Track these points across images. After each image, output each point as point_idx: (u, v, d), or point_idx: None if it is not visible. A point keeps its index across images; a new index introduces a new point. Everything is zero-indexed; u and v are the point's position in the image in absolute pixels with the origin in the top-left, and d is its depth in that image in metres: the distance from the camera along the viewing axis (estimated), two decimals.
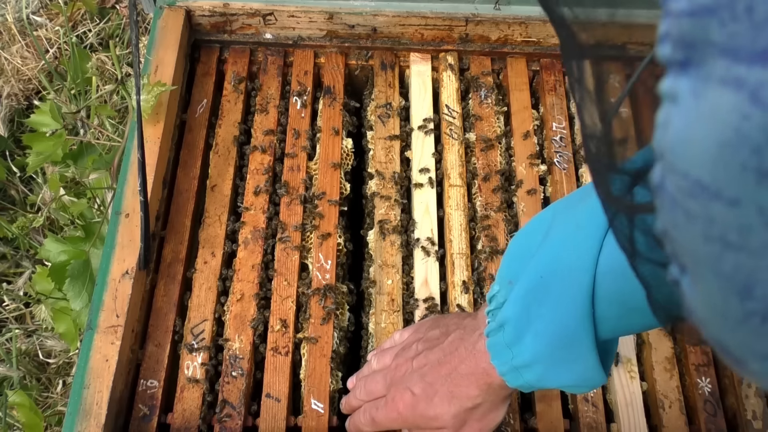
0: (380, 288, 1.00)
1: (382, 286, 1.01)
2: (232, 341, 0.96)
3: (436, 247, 1.03)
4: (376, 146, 1.12)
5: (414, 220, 1.06)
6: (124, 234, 0.97)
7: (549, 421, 0.93)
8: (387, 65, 1.19)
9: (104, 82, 1.86)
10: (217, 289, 1.00)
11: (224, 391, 0.93)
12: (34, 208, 1.69)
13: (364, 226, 1.08)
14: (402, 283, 1.01)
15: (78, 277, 1.13)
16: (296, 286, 1.00)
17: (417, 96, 1.17)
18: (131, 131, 1.06)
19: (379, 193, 1.07)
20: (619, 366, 0.96)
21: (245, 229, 1.04)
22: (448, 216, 1.06)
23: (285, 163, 1.10)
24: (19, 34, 1.91)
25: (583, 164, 1.12)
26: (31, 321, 1.57)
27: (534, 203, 1.08)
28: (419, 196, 1.08)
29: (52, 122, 1.28)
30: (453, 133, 1.13)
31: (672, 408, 0.94)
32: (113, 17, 1.99)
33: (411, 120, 1.15)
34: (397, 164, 1.10)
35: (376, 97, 1.17)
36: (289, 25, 1.19)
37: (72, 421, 0.85)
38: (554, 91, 1.18)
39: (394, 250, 1.03)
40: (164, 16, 1.15)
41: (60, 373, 1.54)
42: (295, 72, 1.19)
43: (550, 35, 1.19)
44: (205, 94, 1.15)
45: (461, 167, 1.10)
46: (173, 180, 1.08)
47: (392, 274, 1.01)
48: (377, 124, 1.14)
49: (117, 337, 0.90)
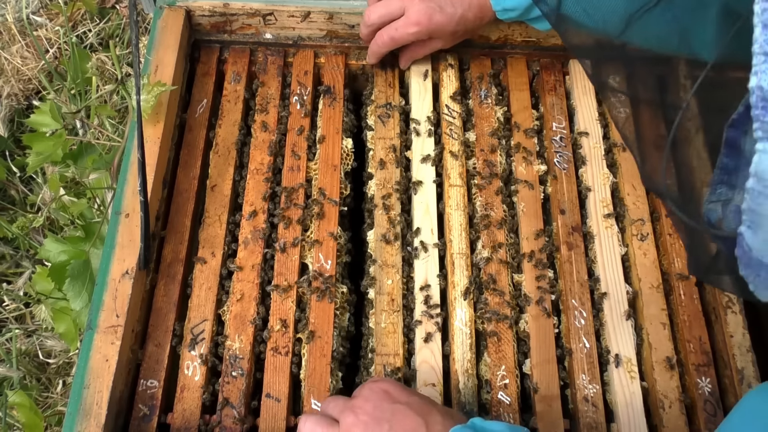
0: (380, 288, 1.00)
1: (382, 285, 1.01)
2: (232, 341, 0.96)
3: (437, 248, 1.03)
4: (376, 146, 1.12)
5: (414, 220, 1.06)
6: (124, 234, 0.97)
7: (549, 421, 0.93)
8: (387, 65, 1.19)
9: (104, 82, 1.86)
10: (217, 289, 1.00)
11: (224, 390, 0.93)
12: (34, 208, 1.69)
13: (364, 226, 1.08)
14: (402, 283, 1.01)
15: (78, 277, 1.13)
16: (296, 286, 1.00)
17: (417, 96, 1.17)
18: (131, 131, 1.06)
19: (379, 192, 1.07)
20: (619, 366, 0.96)
21: (245, 229, 1.04)
22: (449, 216, 1.06)
23: (285, 163, 1.10)
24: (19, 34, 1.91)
25: (582, 164, 1.12)
26: (31, 321, 1.57)
27: (534, 203, 1.08)
28: (419, 196, 1.08)
29: (52, 122, 1.28)
30: (453, 133, 1.13)
31: (672, 408, 0.94)
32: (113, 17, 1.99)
33: (411, 120, 1.14)
34: (396, 164, 1.10)
35: (376, 97, 1.17)
36: (289, 25, 1.19)
37: (72, 421, 0.85)
38: (554, 91, 1.18)
39: (393, 251, 1.03)
40: (164, 16, 1.15)
41: (60, 373, 1.54)
42: (295, 72, 1.19)
43: (549, 35, 1.19)
44: (205, 94, 1.15)
45: (461, 167, 1.10)
46: (173, 180, 1.08)
47: (392, 274, 1.01)
48: (377, 124, 1.14)
49: (117, 337, 0.90)
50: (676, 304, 1.02)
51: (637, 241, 1.05)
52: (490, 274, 1.02)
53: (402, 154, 1.12)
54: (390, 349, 0.96)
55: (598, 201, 1.08)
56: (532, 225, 1.06)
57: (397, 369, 0.95)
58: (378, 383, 0.83)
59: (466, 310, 0.99)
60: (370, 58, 1.16)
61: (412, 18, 1.06)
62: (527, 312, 1.00)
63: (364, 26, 1.12)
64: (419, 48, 1.14)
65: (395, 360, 0.95)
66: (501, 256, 1.03)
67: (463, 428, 0.75)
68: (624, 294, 1.01)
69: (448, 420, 0.78)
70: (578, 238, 1.05)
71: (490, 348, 0.97)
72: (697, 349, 0.99)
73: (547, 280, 1.02)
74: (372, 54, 1.15)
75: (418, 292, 1.00)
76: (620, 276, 1.03)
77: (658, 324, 1.00)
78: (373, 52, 1.14)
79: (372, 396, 0.80)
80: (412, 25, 1.06)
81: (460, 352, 0.96)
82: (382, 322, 0.98)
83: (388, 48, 1.12)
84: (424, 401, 0.81)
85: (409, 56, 1.16)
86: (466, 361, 0.95)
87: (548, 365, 0.96)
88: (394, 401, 0.79)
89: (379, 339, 0.97)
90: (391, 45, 1.11)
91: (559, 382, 0.96)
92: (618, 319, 0.99)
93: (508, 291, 1.01)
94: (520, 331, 1.00)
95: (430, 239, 1.04)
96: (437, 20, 1.06)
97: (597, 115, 1.16)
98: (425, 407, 0.79)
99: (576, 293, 1.01)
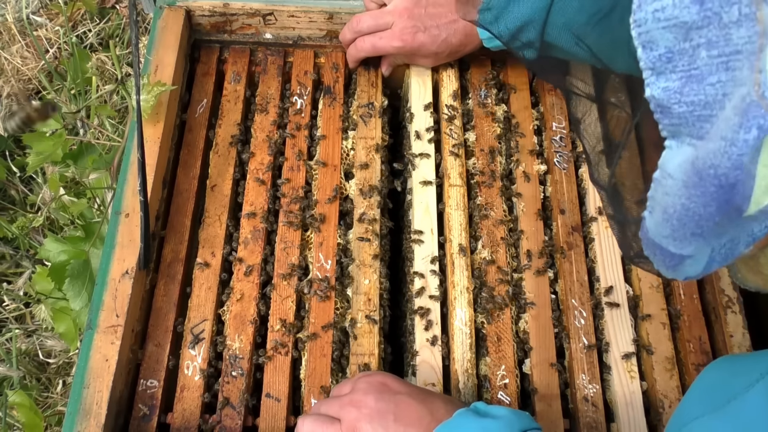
0: (357, 287, 1.00)
1: (359, 285, 1.00)
2: (232, 341, 0.96)
3: (436, 247, 1.03)
4: (357, 146, 1.12)
5: (413, 220, 1.06)
6: (124, 234, 0.97)
7: (549, 421, 0.93)
8: (370, 64, 1.19)
9: (104, 82, 1.86)
10: (217, 289, 1.00)
11: (224, 390, 0.93)
12: (34, 208, 1.69)
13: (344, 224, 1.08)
14: (379, 283, 1.01)
15: (78, 277, 1.13)
16: (296, 286, 1.00)
17: (416, 95, 1.17)
18: (131, 131, 1.06)
19: (358, 192, 1.07)
20: (619, 366, 0.96)
21: (245, 229, 1.04)
22: (448, 216, 1.06)
23: (285, 163, 1.10)
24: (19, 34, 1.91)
25: (582, 164, 1.12)
26: (31, 321, 1.57)
27: (534, 203, 1.08)
28: (419, 196, 1.08)
29: (52, 122, 1.27)
30: (453, 132, 1.12)
31: (672, 408, 0.94)
32: (113, 17, 1.99)
33: (410, 120, 1.14)
34: (378, 164, 1.10)
35: (358, 96, 1.17)
36: (289, 25, 1.19)
37: (72, 421, 0.85)
38: (554, 91, 1.18)
39: (371, 250, 1.03)
40: (164, 16, 1.15)
41: (60, 373, 1.54)
42: (295, 72, 1.19)
43: None
44: (205, 94, 1.15)
45: (461, 167, 1.10)
46: (173, 180, 1.08)
47: (369, 274, 1.01)
48: (359, 124, 1.14)
49: (117, 337, 0.90)
50: (676, 304, 1.02)
51: None
52: (490, 274, 1.02)
53: (384, 154, 1.12)
54: (365, 349, 0.96)
55: (598, 201, 1.08)
56: (532, 225, 1.06)
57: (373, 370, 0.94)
58: (374, 376, 0.84)
59: (466, 310, 0.99)
60: (350, 62, 1.19)
61: (396, 33, 1.10)
62: (527, 312, 1.00)
63: (349, 31, 1.15)
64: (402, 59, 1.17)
65: (370, 360, 0.95)
66: (501, 255, 1.03)
67: (467, 411, 0.76)
68: (624, 294, 1.01)
69: (450, 406, 0.79)
70: (578, 238, 1.05)
71: (490, 348, 0.97)
72: (697, 349, 0.99)
73: (547, 280, 1.02)
74: (351, 57, 1.18)
75: (417, 292, 1.00)
76: (620, 276, 1.03)
77: (658, 324, 1.00)
78: (352, 56, 1.17)
79: (371, 389, 0.81)
80: (397, 39, 1.10)
81: (460, 352, 0.96)
82: (359, 322, 0.98)
83: (367, 54, 1.15)
84: (423, 390, 0.82)
85: (390, 62, 1.18)
86: (466, 361, 0.95)
87: (548, 365, 0.96)
88: (394, 392, 0.80)
89: (357, 338, 0.97)
90: (372, 53, 1.15)
91: (559, 382, 0.96)
92: (618, 319, 1.00)
93: (508, 291, 1.01)
94: (520, 331, 1.00)
95: (431, 239, 1.04)
96: (420, 40, 1.10)
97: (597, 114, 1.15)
98: (427, 396, 0.81)
99: (576, 293, 1.01)
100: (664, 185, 0.47)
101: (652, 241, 0.52)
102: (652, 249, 0.53)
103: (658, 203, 0.49)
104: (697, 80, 0.43)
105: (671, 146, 0.47)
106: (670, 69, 0.43)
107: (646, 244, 0.53)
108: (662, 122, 0.46)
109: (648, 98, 0.45)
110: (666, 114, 0.45)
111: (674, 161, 0.46)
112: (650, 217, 0.51)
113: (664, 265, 0.53)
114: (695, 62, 0.42)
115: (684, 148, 0.46)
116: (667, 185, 0.47)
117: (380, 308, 0.99)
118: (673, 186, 0.46)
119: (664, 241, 0.50)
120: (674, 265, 0.52)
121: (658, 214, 0.49)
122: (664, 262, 0.53)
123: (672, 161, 0.46)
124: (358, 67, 1.19)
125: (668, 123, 0.45)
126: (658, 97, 0.44)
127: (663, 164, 0.47)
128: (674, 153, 0.46)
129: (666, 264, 0.53)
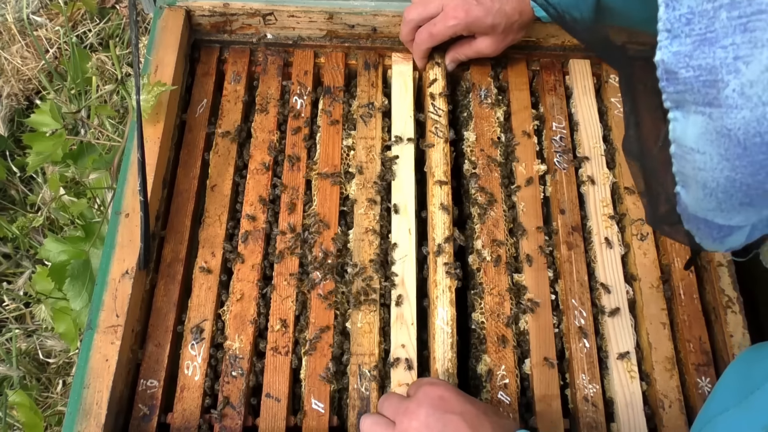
0: (357, 287, 1.00)
1: (359, 285, 1.00)
2: (232, 341, 0.96)
3: (414, 245, 1.03)
4: (357, 146, 1.12)
5: (395, 219, 1.06)
6: (124, 234, 0.97)
7: (549, 421, 0.93)
8: (370, 64, 1.19)
9: (104, 82, 1.86)
10: (217, 289, 1.00)
11: (224, 390, 0.93)
12: (34, 208, 1.69)
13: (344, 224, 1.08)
14: (379, 284, 1.00)
15: (78, 277, 1.13)
16: (296, 286, 1.00)
17: (398, 94, 1.16)
18: (131, 131, 1.06)
19: (359, 193, 1.07)
20: (619, 366, 0.96)
21: (245, 229, 1.04)
22: (431, 215, 1.05)
23: (285, 162, 1.10)
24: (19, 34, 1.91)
25: (582, 164, 1.12)
26: (31, 321, 1.57)
27: (534, 203, 1.08)
28: (400, 195, 1.07)
29: (52, 122, 1.28)
30: (438, 131, 1.12)
31: (672, 408, 0.94)
32: (113, 17, 1.99)
33: (393, 119, 1.14)
34: (377, 163, 1.10)
35: (359, 96, 1.17)
36: (289, 25, 1.19)
37: (72, 421, 0.85)
38: (554, 91, 1.18)
39: (371, 251, 1.03)
40: (164, 16, 1.15)
41: (60, 373, 1.54)
42: (295, 72, 1.19)
43: (549, 35, 1.19)
44: (205, 94, 1.15)
45: (446, 165, 1.09)
46: (173, 180, 1.08)
47: (369, 273, 1.01)
48: (359, 124, 1.13)
49: (117, 337, 0.90)
50: (676, 303, 1.02)
51: (637, 240, 1.05)
52: (489, 274, 1.02)
53: (383, 154, 1.11)
54: (365, 349, 0.96)
55: (598, 201, 1.08)
56: (532, 225, 1.06)
57: (373, 368, 0.94)
58: (435, 388, 0.82)
59: (447, 309, 0.98)
60: (417, 59, 1.17)
61: (450, 13, 1.07)
62: (527, 312, 1.00)
63: (403, 24, 1.13)
64: (463, 48, 1.14)
65: (370, 360, 0.95)
66: (501, 256, 1.03)
67: None
68: (624, 294, 1.01)
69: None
70: (578, 238, 1.05)
71: (489, 348, 0.97)
72: (697, 349, 0.99)
73: (547, 280, 1.02)
74: (416, 54, 1.16)
75: (397, 291, 1.00)
76: (620, 276, 1.03)
77: (658, 324, 1.00)
78: (416, 53, 1.15)
79: (425, 401, 0.80)
80: (450, 18, 1.07)
81: (441, 351, 0.95)
82: (359, 322, 0.98)
83: (428, 45, 1.13)
84: (479, 411, 0.80)
85: (453, 56, 1.16)
86: (447, 360, 0.94)
87: (548, 365, 0.96)
88: (446, 410, 0.79)
89: (356, 339, 0.97)
90: (431, 41, 1.12)
91: (559, 382, 0.96)
92: (618, 319, 1.00)
93: (508, 291, 1.01)
94: (520, 331, 1.00)
95: (409, 239, 1.04)
96: (475, 13, 1.06)
97: (597, 114, 1.16)
98: (478, 420, 0.79)
99: (576, 293, 1.01)
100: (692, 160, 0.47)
101: (694, 216, 0.51)
102: (695, 223, 0.53)
103: (692, 179, 0.48)
104: (709, 43, 0.42)
105: (676, 117, 0.46)
106: (686, 33, 0.43)
107: (687, 219, 0.53)
108: (666, 90, 0.45)
109: (657, 62, 0.45)
110: (672, 81, 0.44)
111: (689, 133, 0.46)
112: (686, 193, 0.50)
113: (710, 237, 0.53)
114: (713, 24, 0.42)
115: (693, 118, 0.45)
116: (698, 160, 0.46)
117: (380, 308, 0.99)
118: (706, 160, 0.46)
119: (710, 214, 0.50)
120: (722, 237, 0.52)
121: (697, 190, 0.48)
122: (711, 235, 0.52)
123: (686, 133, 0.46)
124: (359, 67, 1.19)
125: (673, 91, 0.45)
126: (667, 61, 0.44)
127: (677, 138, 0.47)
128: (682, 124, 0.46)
129: (713, 236, 0.52)
